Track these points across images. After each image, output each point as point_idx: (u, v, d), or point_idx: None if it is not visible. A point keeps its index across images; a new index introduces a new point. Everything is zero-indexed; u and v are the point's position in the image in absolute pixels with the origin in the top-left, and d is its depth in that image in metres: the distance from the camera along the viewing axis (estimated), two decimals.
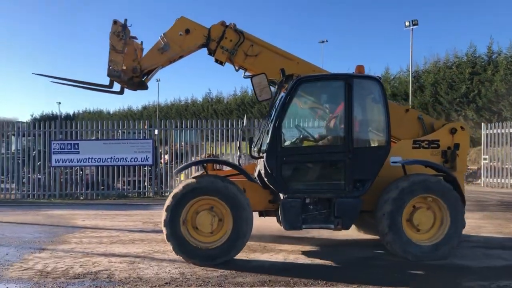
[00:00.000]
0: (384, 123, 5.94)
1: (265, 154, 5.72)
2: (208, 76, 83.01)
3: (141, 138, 14.34)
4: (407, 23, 30.02)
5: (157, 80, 56.10)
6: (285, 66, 6.46)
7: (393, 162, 6.04)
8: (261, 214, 6.32)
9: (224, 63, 6.97)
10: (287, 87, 5.98)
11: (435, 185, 5.69)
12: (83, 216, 9.81)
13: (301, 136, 6.45)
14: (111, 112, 60.86)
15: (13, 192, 14.19)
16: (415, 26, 29.81)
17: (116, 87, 7.19)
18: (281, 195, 5.76)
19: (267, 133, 5.81)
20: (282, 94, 6.06)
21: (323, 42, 45.00)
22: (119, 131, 14.55)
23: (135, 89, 7.25)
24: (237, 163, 6.74)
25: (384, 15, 77.01)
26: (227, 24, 6.82)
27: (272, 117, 5.93)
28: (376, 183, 5.78)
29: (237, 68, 6.97)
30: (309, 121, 7.28)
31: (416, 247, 5.64)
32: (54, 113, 60.36)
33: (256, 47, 6.84)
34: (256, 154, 6.04)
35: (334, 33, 79.74)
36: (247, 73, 6.88)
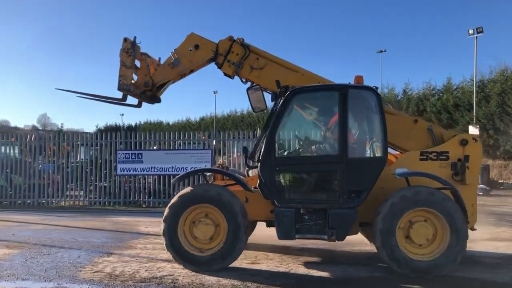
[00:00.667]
0: (380, 133, 5.81)
1: (259, 163, 5.82)
2: None
3: (201, 148, 14.72)
4: (471, 31, 29.00)
5: (214, 92, 57.36)
6: (290, 78, 6.58)
7: (398, 174, 5.77)
8: (269, 224, 6.28)
9: (233, 77, 7.11)
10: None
11: (430, 198, 5.43)
12: (146, 223, 10.18)
13: (296, 147, 6.49)
14: (171, 123, 62.73)
15: (81, 199, 14.97)
16: (479, 34, 28.69)
17: (134, 101, 7.53)
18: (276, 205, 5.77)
19: (263, 143, 5.90)
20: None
21: (381, 51, 44.28)
22: (179, 141, 15.03)
23: (149, 102, 7.52)
24: (246, 174, 6.73)
25: (446, 23, 74.55)
26: (235, 38, 6.97)
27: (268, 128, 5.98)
28: (379, 195, 5.65)
29: (244, 81, 7.07)
30: (307, 132, 7.07)
31: (413, 262, 5.40)
32: (118, 124, 63.15)
33: (262, 60, 6.94)
34: (251, 164, 6.15)
35: (392, 42, 77.89)
36: (255, 86, 6.80)
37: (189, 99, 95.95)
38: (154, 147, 14.99)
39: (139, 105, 7.62)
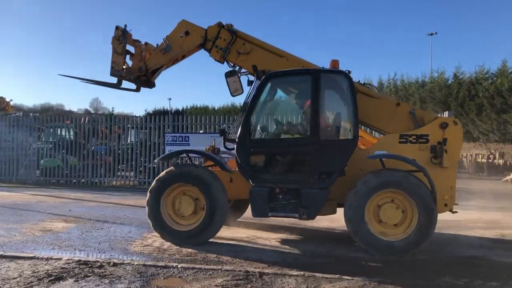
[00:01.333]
0: (351, 116, 5.91)
1: (235, 145, 6.07)
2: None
3: None
4: None
5: None
6: (275, 62, 6.70)
7: (370, 156, 5.92)
8: None
9: (223, 62, 7.15)
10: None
11: (399, 180, 5.54)
12: None
13: (271, 129, 6.64)
14: (216, 108, 63.43)
15: (131, 179, 15.61)
16: None
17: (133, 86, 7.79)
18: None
19: (239, 126, 6.13)
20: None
21: (432, 34, 42.80)
22: (224, 125, 15.30)
23: (144, 86, 7.79)
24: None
25: (499, 3, 70.64)
26: (224, 24, 7.09)
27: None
28: (358, 177, 5.71)
29: (232, 65, 7.12)
30: (281, 115, 7.16)
31: (381, 242, 5.54)
32: (165, 108, 64.44)
33: (248, 45, 7.01)
34: (229, 146, 6.44)
35: (444, 25, 74.67)
36: (243, 71, 6.95)
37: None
38: (200, 131, 15.35)
39: (137, 90, 7.86)
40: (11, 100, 29.28)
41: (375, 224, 5.63)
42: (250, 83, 6.40)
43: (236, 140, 6.08)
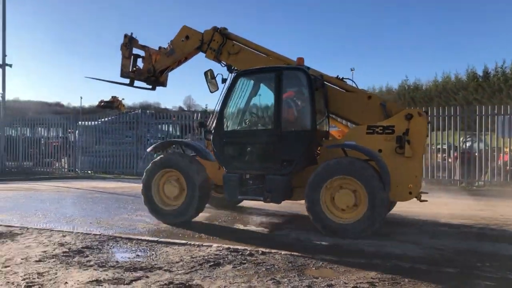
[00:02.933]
0: (309, 109, 6.41)
1: (211, 136, 6.91)
2: (404, 61, 78.84)
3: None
4: None
5: (351, 70, 56.04)
6: (260, 60, 7.43)
7: (332, 145, 6.53)
8: None
9: (219, 62, 7.86)
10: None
11: (349, 167, 5.95)
12: None
13: (241, 121, 7.17)
14: None
15: None
16: None
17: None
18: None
19: (214, 119, 6.99)
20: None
21: None
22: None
23: (154, 85, 8.82)
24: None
25: None
26: (218, 28, 7.83)
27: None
28: None
29: (224, 64, 7.81)
30: (250, 109, 7.30)
31: (333, 224, 5.98)
32: None
33: (237, 46, 7.74)
34: (209, 137, 7.19)
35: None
36: (209, 69, 7.51)
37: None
38: None
39: (153, 88, 8.89)
40: (123, 99, 31.51)
41: (330, 206, 6.06)
42: (224, 80, 7.22)
43: (212, 131, 6.96)
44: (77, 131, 18.53)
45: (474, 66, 43.38)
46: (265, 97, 7.18)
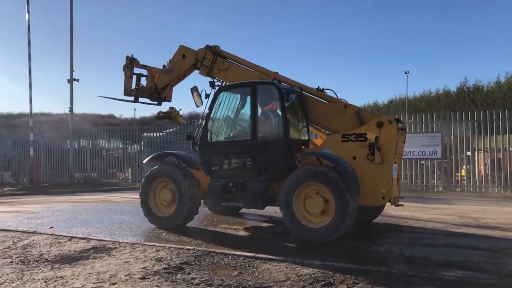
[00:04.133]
0: (281, 120, 6.82)
1: (197, 147, 7.46)
2: (462, 63, 75.46)
3: (429, 131, 14.05)
4: None
5: (406, 73, 54.50)
6: (247, 75, 7.88)
7: (300, 154, 7.00)
8: None
9: (212, 77, 8.20)
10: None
11: (320, 174, 6.25)
12: None
13: (223, 133, 7.58)
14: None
15: None
16: None
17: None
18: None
19: (199, 131, 7.53)
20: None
21: None
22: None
23: (157, 101, 9.35)
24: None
25: None
26: (210, 46, 8.36)
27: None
28: None
29: (216, 80, 8.11)
30: (231, 121, 7.71)
31: (303, 227, 6.34)
32: None
33: (226, 62, 8.28)
34: (195, 148, 7.66)
35: None
36: (195, 86, 7.97)
37: (375, 81, 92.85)
38: None
39: (159, 104, 9.46)
40: (180, 109, 32.06)
41: (302, 211, 6.40)
42: (207, 96, 7.58)
43: (197, 142, 7.47)
44: (142, 142, 18.90)
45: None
46: (243, 110, 7.62)
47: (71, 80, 20.11)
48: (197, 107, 7.88)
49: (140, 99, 9.47)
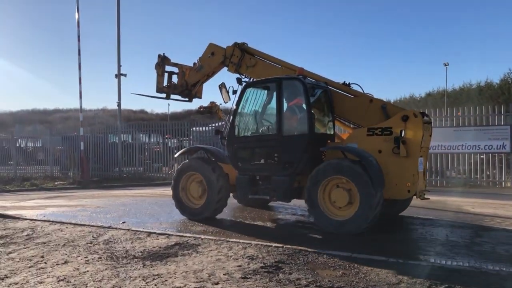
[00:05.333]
0: (306, 115, 6.95)
1: (225, 142, 7.66)
2: (507, 55, 71.79)
3: (496, 124, 13.34)
4: None
5: (445, 65, 52.95)
6: (274, 71, 8.00)
7: (325, 148, 7.01)
8: None
9: (240, 74, 8.44)
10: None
11: (344, 168, 6.35)
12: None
13: (250, 128, 7.76)
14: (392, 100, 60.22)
15: None
16: None
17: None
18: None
19: (227, 126, 7.72)
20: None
21: None
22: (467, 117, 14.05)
23: (188, 97, 9.55)
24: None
25: None
26: (238, 43, 8.50)
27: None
28: None
29: (243, 76, 8.36)
30: (258, 116, 7.76)
31: (327, 220, 6.45)
32: None
33: (253, 59, 8.40)
34: (223, 142, 7.91)
35: None
36: (223, 82, 8.13)
37: (412, 74, 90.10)
38: None
39: (190, 100, 9.67)
40: (220, 104, 32.05)
41: (327, 204, 6.53)
42: (234, 92, 7.74)
43: (226, 137, 7.69)
44: (191, 136, 18.83)
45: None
46: (269, 105, 7.71)
47: (118, 75, 20.18)
48: (225, 103, 8.13)
49: (172, 96, 9.69)
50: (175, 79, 9.59)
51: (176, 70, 9.58)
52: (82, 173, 17.81)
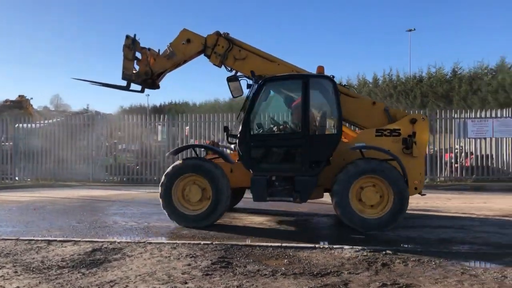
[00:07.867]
0: (336, 114, 6.91)
1: (237, 140, 7.07)
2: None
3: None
4: None
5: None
6: (268, 67, 7.65)
7: (352, 148, 6.97)
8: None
9: (220, 66, 8.02)
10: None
11: (377, 167, 6.57)
12: None
13: (268, 126, 7.67)
14: (198, 104, 60.95)
15: None
16: None
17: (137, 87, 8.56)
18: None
19: (240, 124, 7.10)
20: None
21: (410, 30, 44.22)
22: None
23: (149, 88, 8.64)
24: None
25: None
26: (221, 33, 7.93)
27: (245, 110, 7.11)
28: (338, 166, 6.83)
29: (229, 69, 7.99)
30: (276, 113, 8.09)
31: (362, 219, 6.57)
32: (143, 104, 58.51)
33: (243, 51, 7.88)
34: (232, 141, 7.55)
35: (424, 22, 73.21)
36: (239, 74, 7.90)
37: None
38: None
39: (142, 91, 8.65)
40: (31, 98, 28.52)
41: (356, 202, 6.64)
42: (249, 86, 7.45)
43: (238, 135, 7.05)
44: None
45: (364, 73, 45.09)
46: (292, 102, 7.55)
47: None
48: (234, 97, 7.63)
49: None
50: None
51: (139, 56, 8.35)
52: None
